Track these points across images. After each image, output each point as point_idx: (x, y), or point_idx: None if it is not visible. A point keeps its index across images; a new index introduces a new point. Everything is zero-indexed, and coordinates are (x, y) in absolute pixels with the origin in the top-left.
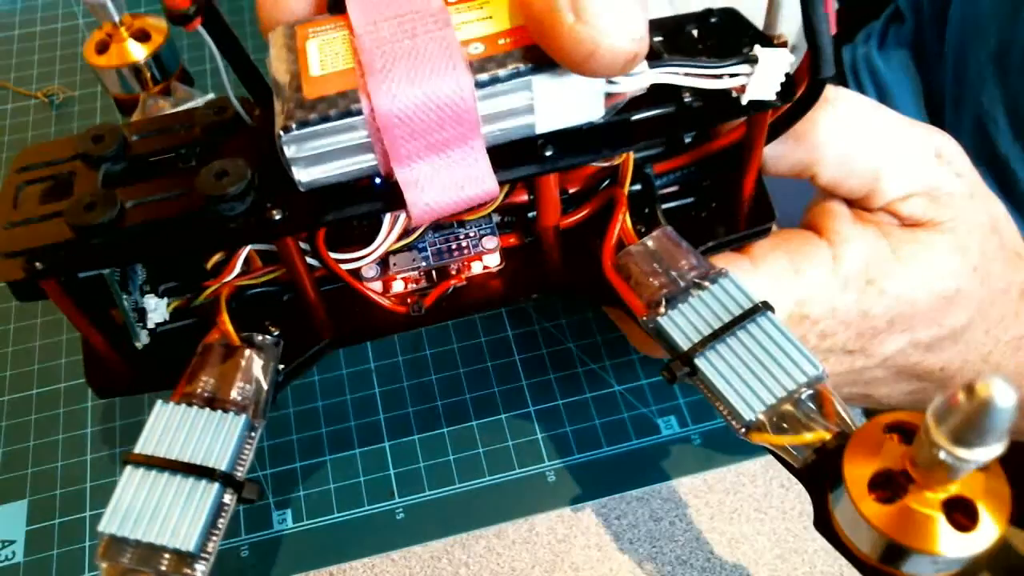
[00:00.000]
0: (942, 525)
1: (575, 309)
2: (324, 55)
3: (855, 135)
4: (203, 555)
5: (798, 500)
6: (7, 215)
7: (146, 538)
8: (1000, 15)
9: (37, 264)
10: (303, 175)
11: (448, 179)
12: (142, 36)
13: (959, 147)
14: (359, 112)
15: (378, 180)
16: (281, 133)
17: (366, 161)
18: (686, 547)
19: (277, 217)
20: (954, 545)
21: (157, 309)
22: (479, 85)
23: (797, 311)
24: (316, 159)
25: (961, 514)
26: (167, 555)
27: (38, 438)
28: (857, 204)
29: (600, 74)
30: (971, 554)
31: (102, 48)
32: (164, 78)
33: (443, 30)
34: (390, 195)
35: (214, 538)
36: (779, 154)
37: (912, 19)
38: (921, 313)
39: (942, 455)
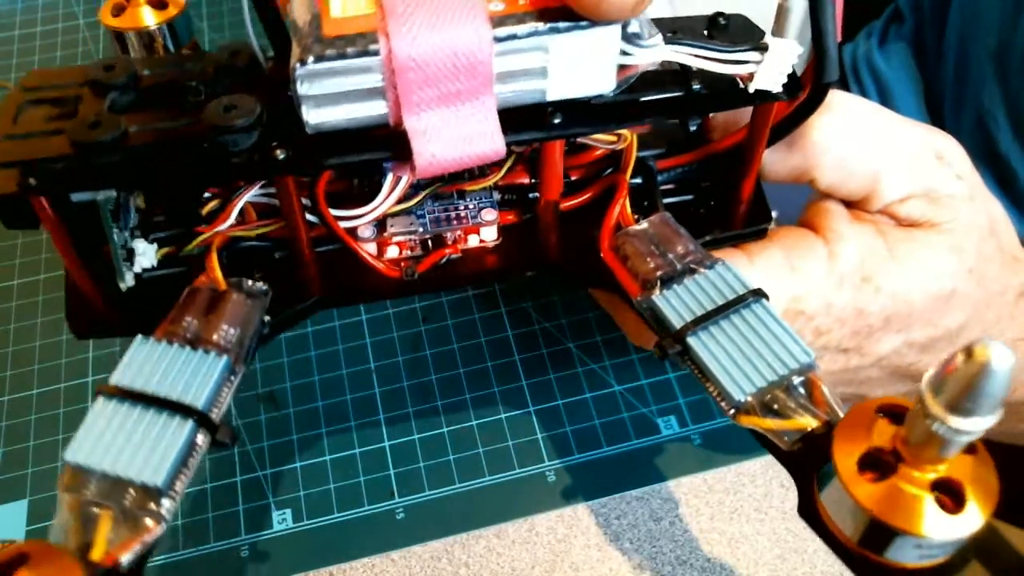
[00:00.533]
0: (929, 505)
1: (575, 309)
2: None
3: (853, 139)
4: (170, 492)
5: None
6: (6, 128)
7: (112, 470)
8: (1001, 14)
9: (31, 180)
10: (312, 116)
11: (456, 132)
12: (159, 4)
13: (960, 148)
14: (376, 53)
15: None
16: (297, 66)
17: (377, 108)
18: (686, 547)
19: (281, 156)
20: (939, 527)
21: (146, 253)
22: (497, 40)
23: (792, 307)
24: (327, 99)
25: (948, 497)
26: (132, 489)
27: (38, 438)
28: (856, 206)
29: (612, 15)
30: (955, 538)
31: (118, 11)
32: (177, 47)
33: None
34: (397, 145)
35: (183, 477)
36: (778, 158)
37: (912, 18)
38: (917, 313)
39: (935, 426)
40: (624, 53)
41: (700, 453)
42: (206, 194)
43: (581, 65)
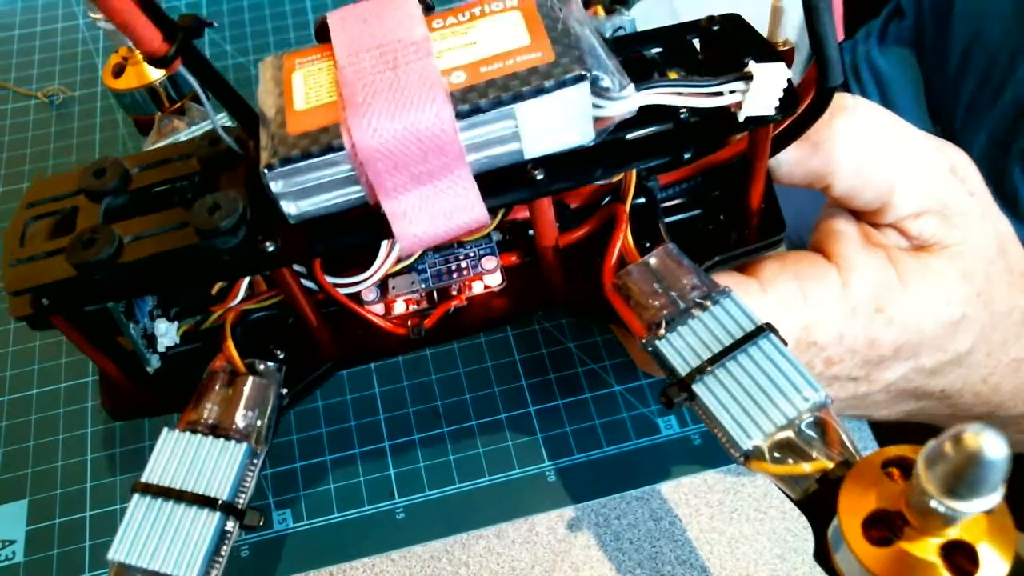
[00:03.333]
0: (940, 571)
1: None
2: (309, 87)
3: (873, 147)
4: None
5: None
6: (15, 252)
7: (152, 567)
8: (1010, 12)
9: (44, 300)
10: (292, 208)
11: (436, 209)
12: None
13: (973, 164)
14: (341, 147)
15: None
16: (265, 171)
17: (354, 193)
18: (686, 547)
19: (270, 249)
20: None
21: (167, 333)
22: (459, 116)
23: (805, 337)
24: (303, 193)
25: (963, 557)
26: None
27: (38, 438)
28: (867, 218)
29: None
30: None
31: (118, 71)
32: (179, 98)
33: (423, 60)
34: (382, 224)
35: (217, 566)
36: (795, 161)
37: (913, 15)
38: (927, 340)
39: (933, 504)
40: (597, 106)
41: (700, 453)
42: None
43: (553, 125)
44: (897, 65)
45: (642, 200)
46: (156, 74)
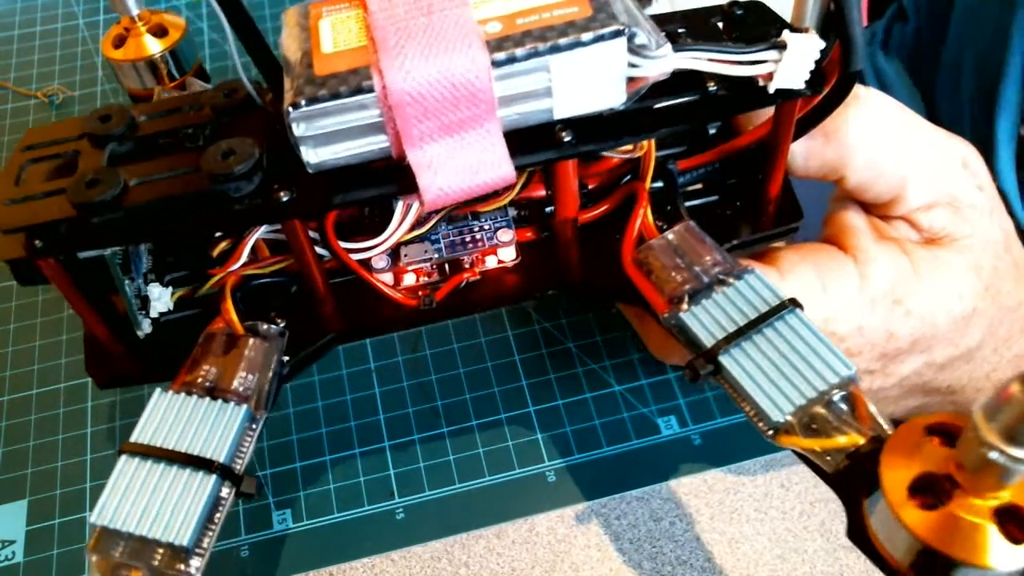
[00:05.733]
0: (992, 535)
1: (575, 309)
2: (337, 33)
3: (886, 138)
4: (198, 550)
5: (798, 500)
6: (9, 192)
7: (139, 531)
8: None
9: (37, 242)
10: (312, 155)
11: (463, 162)
12: (159, 31)
13: (981, 157)
14: (371, 89)
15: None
16: (290, 109)
17: (378, 143)
18: (686, 547)
19: (284, 199)
20: (1004, 557)
21: (161, 298)
22: (495, 64)
23: (824, 328)
24: (326, 139)
25: (1014, 524)
26: (160, 549)
27: (38, 438)
28: (877, 211)
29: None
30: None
31: (119, 42)
32: (180, 74)
33: (460, 8)
34: (403, 178)
35: (210, 532)
36: (809, 152)
37: (915, 19)
38: (941, 334)
39: (993, 455)
40: (632, 66)
41: (700, 453)
42: (216, 234)
43: (587, 82)
44: (900, 70)
45: (660, 184)
46: (156, 47)
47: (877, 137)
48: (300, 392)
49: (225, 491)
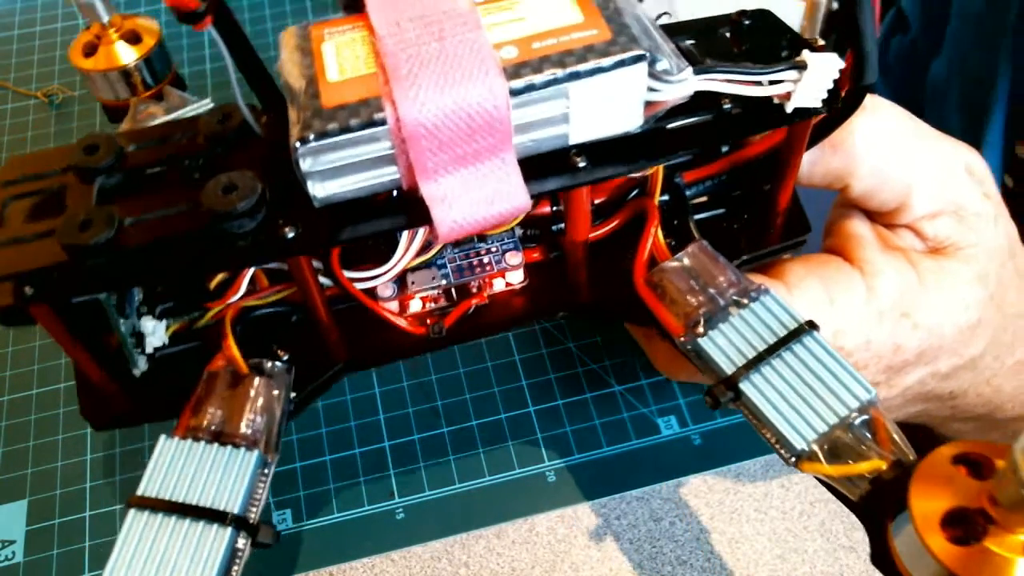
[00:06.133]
0: (1021, 567)
1: None
2: (342, 58)
3: (892, 146)
4: None
5: (798, 500)
6: None
7: None
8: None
9: (27, 289)
10: (319, 190)
11: (478, 194)
12: (133, 38)
13: (986, 165)
14: (383, 122)
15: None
16: (297, 145)
17: (388, 174)
18: (686, 547)
19: (290, 235)
20: None
21: (155, 332)
22: (513, 93)
23: (832, 342)
24: (334, 172)
25: None
26: None
27: (38, 438)
28: (882, 219)
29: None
30: None
31: (90, 51)
32: (156, 83)
33: (474, 32)
34: (413, 210)
35: None
36: (814, 161)
37: (914, 28)
38: (947, 345)
39: None
40: (652, 90)
41: (700, 453)
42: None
43: (605, 107)
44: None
45: (667, 197)
46: (130, 56)
47: (882, 146)
48: None
49: (241, 542)
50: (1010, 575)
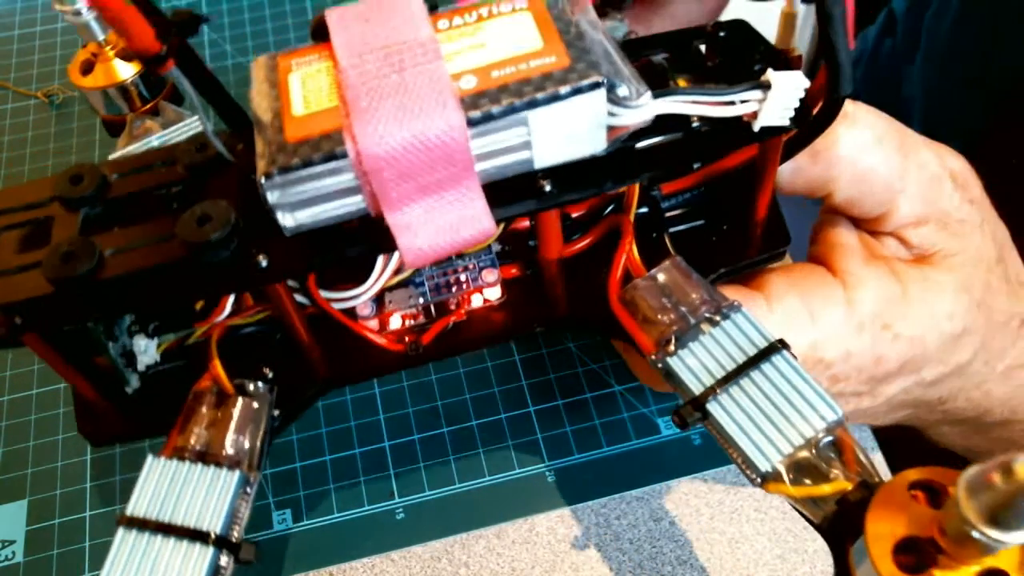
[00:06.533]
0: None
1: None
2: (307, 90)
3: (874, 154)
4: None
5: None
6: None
7: None
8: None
9: (16, 319)
10: (289, 220)
11: (443, 221)
12: (129, 55)
13: (971, 170)
14: (344, 155)
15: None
16: (263, 180)
17: (355, 203)
18: (686, 547)
19: (264, 264)
20: None
21: (147, 351)
22: (471, 123)
23: (811, 354)
24: (302, 204)
25: None
26: None
27: (38, 438)
28: (866, 226)
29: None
30: None
31: (87, 68)
32: (152, 98)
33: (432, 63)
34: (382, 236)
35: None
36: (795, 170)
37: (901, 34)
38: (930, 354)
39: (975, 534)
40: (612, 115)
41: (700, 453)
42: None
43: (566, 133)
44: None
45: (645, 210)
46: (127, 72)
47: (864, 154)
48: None
49: (224, 560)
50: None
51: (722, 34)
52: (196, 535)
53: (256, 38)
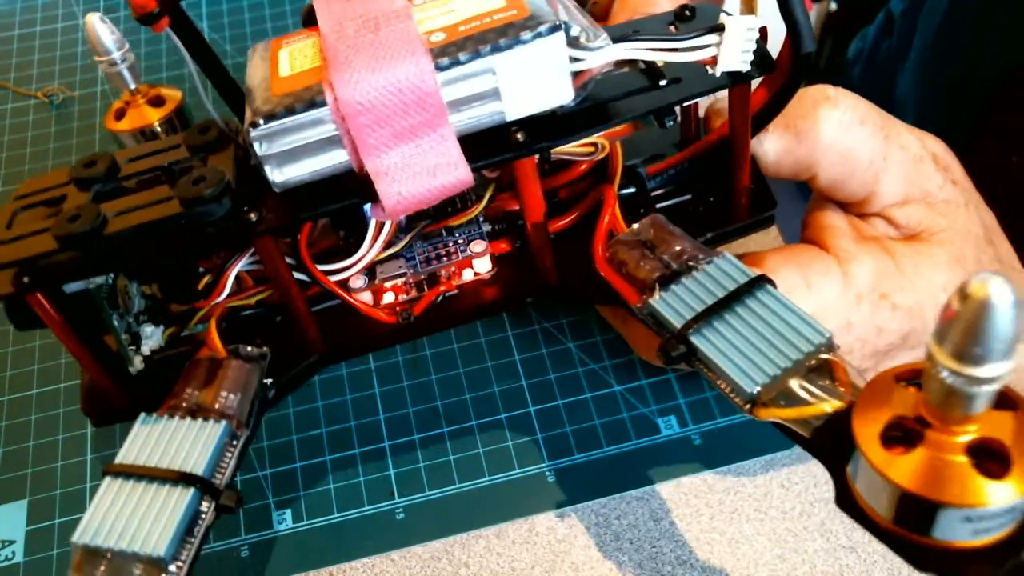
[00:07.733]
0: (967, 471)
1: (575, 309)
2: (294, 59)
3: (856, 136)
4: (176, 562)
5: (798, 500)
6: (1, 235)
7: (119, 546)
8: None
9: (25, 278)
10: (277, 175)
11: (420, 167)
12: (157, 102)
13: (952, 153)
14: (323, 103)
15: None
16: (250, 129)
17: (339, 157)
18: (686, 547)
19: (254, 218)
20: (984, 494)
21: (153, 336)
22: (440, 68)
23: None
24: (288, 156)
25: (991, 460)
26: (140, 563)
27: (38, 438)
28: (853, 209)
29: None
30: (1006, 504)
31: (120, 115)
32: None
33: (404, 23)
34: (366, 188)
35: (189, 545)
36: (780, 151)
37: (898, 38)
38: (930, 326)
39: (949, 379)
40: (574, 59)
41: (700, 453)
42: (200, 269)
43: (532, 79)
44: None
45: (632, 189)
46: (154, 117)
47: (847, 134)
48: (300, 392)
49: (204, 504)
50: (954, 479)
51: (688, 14)
52: (179, 477)
53: (256, 38)
